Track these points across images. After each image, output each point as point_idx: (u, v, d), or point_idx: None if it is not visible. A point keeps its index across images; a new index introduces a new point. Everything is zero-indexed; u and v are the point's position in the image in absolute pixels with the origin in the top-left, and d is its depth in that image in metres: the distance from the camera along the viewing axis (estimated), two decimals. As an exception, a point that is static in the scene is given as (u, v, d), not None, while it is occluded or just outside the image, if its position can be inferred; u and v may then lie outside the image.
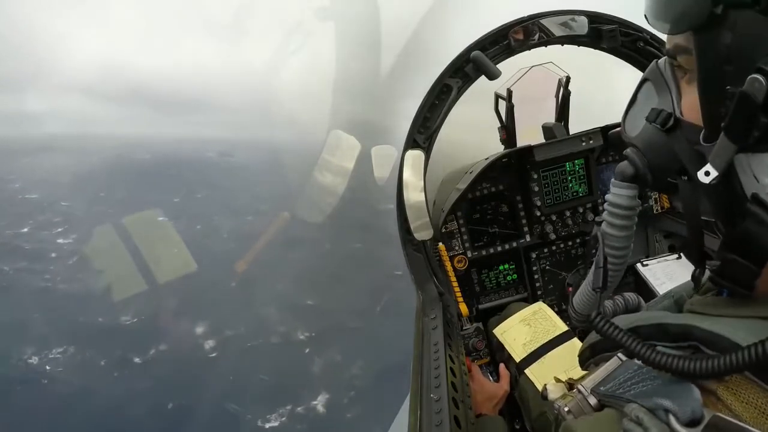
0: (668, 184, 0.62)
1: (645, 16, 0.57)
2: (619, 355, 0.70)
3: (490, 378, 1.98)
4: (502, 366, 1.91)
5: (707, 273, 0.65)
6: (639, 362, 0.67)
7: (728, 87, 0.47)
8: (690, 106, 0.58)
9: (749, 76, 0.43)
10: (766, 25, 0.42)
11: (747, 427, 0.48)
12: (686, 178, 0.58)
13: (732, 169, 0.49)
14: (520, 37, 2.01)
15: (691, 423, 0.50)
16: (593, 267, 0.74)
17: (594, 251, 0.72)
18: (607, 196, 0.70)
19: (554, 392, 0.79)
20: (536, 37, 2.02)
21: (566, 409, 0.69)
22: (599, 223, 0.72)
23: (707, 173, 0.50)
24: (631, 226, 0.70)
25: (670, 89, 0.61)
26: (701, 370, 0.51)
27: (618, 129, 0.71)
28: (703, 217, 0.60)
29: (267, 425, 8.05)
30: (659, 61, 0.66)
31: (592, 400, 0.67)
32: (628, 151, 0.66)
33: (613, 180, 0.69)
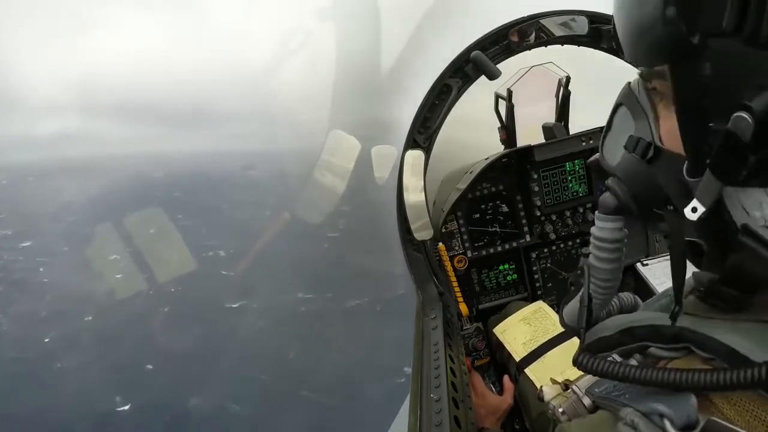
0: (654, 215, 0.59)
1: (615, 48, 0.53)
2: (615, 356, 0.71)
3: (493, 389, 1.97)
4: (506, 378, 1.90)
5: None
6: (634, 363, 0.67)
7: (711, 124, 0.44)
8: (669, 132, 0.54)
9: (734, 114, 0.40)
10: (750, 55, 0.38)
11: (740, 431, 0.48)
12: (672, 208, 0.55)
13: (721, 201, 0.47)
14: (519, 37, 2.01)
15: (686, 428, 0.50)
16: (578, 304, 0.71)
17: (581, 281, 0.69)
18: (593, 230, 0.68)
19: (550, 394, 0.79)
20: (536, 37, 2.02)
21: (560, 410, 0.69)
22: (586, 255, 0.69)
23: (694, 209, 0.48)
24: (618, 258, 0.68)
25: (647, 115, 0.58)
26: (707, 383, 0.48)
27: (596, 157, 0.67)
28: (689, 238, 0.58)
29: None
30: (632, 83, 0.62)
31: (587, 401, 0.67)
32: (609, 181, 0.63)
33: (597, 213, 0.66)
